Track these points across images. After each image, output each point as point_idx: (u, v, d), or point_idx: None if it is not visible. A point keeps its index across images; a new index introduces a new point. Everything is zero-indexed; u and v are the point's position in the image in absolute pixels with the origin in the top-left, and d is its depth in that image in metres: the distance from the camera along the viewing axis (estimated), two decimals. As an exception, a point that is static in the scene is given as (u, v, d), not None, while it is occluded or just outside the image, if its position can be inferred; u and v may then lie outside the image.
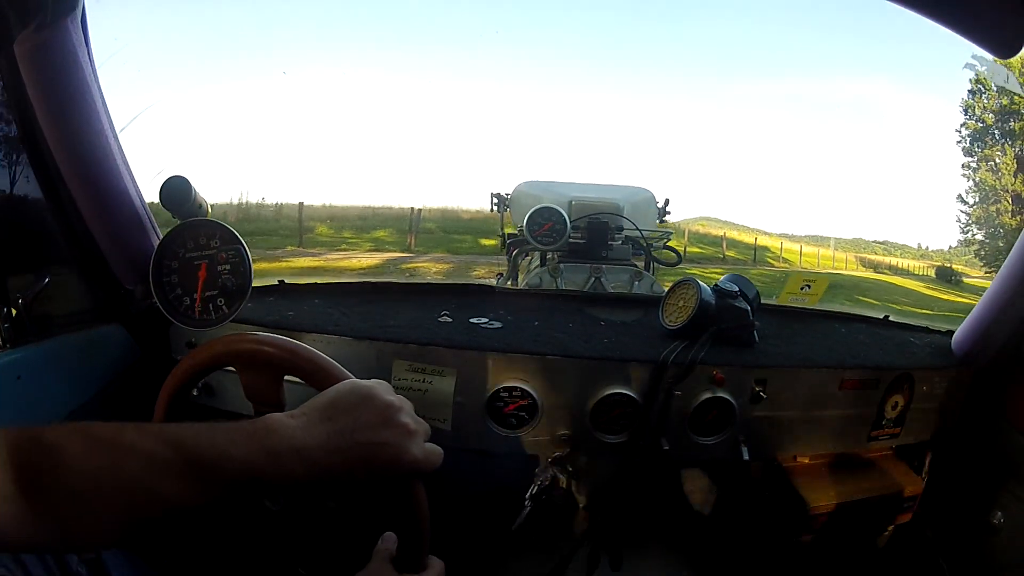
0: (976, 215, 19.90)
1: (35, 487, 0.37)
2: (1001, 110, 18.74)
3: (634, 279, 1.40)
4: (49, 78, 0.76)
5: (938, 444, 1.06)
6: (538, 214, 1.36)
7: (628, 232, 1.45)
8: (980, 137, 19.35)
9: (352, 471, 0.47)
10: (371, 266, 9.42)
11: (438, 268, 9.80)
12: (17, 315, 0.75)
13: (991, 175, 19.16)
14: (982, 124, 19.24)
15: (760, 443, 0.94)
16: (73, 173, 0.81)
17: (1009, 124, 18.65)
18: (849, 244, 23.34)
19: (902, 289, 16.53)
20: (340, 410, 0.48)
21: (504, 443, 0.90)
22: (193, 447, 0.42)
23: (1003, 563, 0.95)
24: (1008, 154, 18.77)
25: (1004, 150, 18.92)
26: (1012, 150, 18.74)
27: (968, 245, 20.72)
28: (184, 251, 0.82)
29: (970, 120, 19.52)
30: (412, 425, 0.50)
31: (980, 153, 19.43)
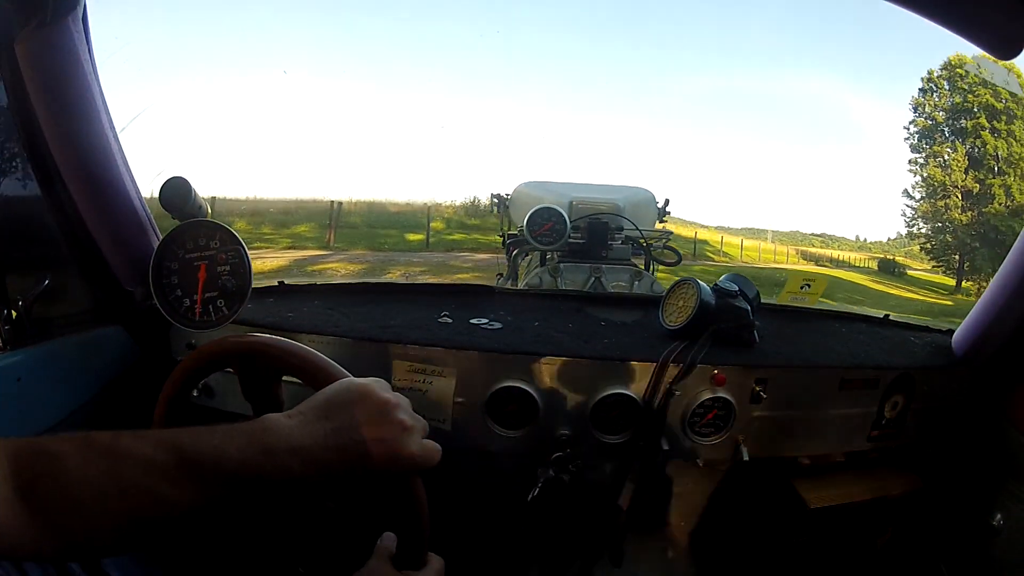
0: (923, 210, 20.18)
1: (36, 496, 0.37)
2: (953, 108, 19.07)
3: (634, 279, 1.40)
4: (50, 78, 0.76)
5: (938, 444, 1.06)
6: (538, 214, 1.36)
7: (628, 232, 1.45)
8: (929, 134, 19.69)
9: (350, 468, 0.47)
10: (276, 268, 8.57)
11: (348, 269, 9.25)
12: (17, 317, 0.75)
13: (940, 171, 19.49)
14: (932, 122, 19.57)
15: (760, 443, 0.94)
16: (73, 173, 0.81)
17: (961, 122, 18.89)
18: (786, 237, 23.33)
19: (850, 284, 16.42)
20: (336, 408, 0.48)
21: (504, 443, 0.90)
22: (191, 449, 0.42)
23: (1003, 564, 0.95)
24: (959, 151, 19.04)
25: (955, 147, 19.20)
26: (963, 147, 19.01)
27: (913, 238, 21.03)
28: (184, 252, 0.82)
29: (919, 118, 19.84)
30: (409, 421, 0.51)
31: (928, 149, 19.78)
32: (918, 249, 21.33)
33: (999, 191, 18.56)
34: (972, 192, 19.04)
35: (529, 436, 0.90)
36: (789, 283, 1.16)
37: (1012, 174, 18.46)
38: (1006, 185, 18.46)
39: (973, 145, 18.86)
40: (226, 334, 0.75)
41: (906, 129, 20.06)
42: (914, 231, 20.94)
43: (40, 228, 0.83)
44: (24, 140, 0.77)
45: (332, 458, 0.46)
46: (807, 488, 1.02)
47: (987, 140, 18.33)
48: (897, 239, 23.80)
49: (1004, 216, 18.42)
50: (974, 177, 18.88)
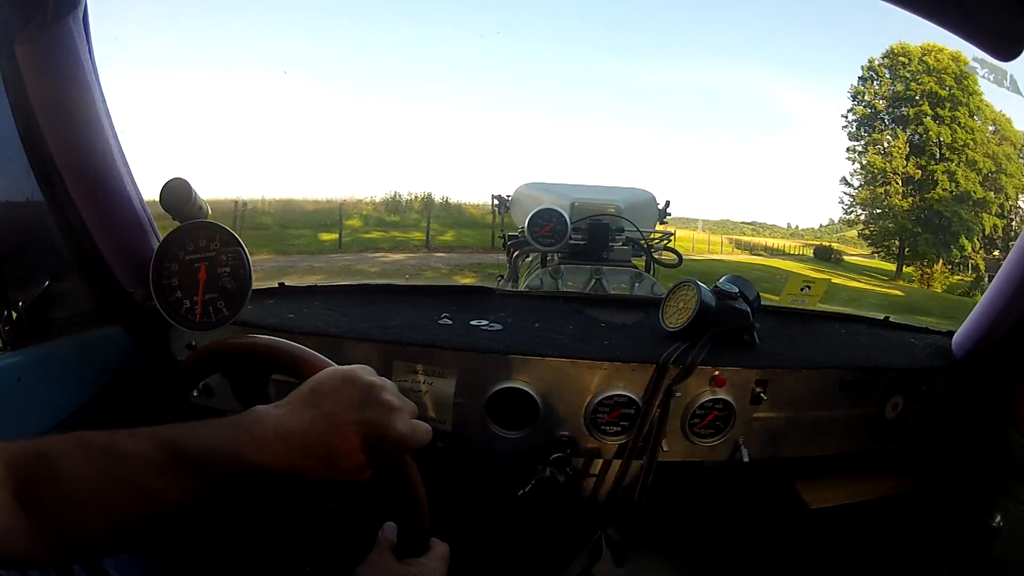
0: (862, 197, 20.20)
1: (34, 499, 0.38)
2: (894, 96, 19.16)
3: (635, 280, 1.40)
4: (50, 78, 0.76)
5: (938, 445, 1.06)
6: (539, 215, 1.36)
7: (629, 233, 1.45)
8: (869, 122, 19.75)
9: (340, 452, 0.47)
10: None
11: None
12: (17, 317, 0.75)
13: (880, 158, 19.55)
14: (872, 110, 19.65)
15: (760, 444, 0.94)
16: (73, 174, 0.81)
17: (902, 110, 18.99)
18: (717, 226, 23.18)
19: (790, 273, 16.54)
20: (322, 394, 0.49)
21: (504, 444, 0.90)
22: (184, 444, 0.42)
23: (1003, 564, 0.95)
24: (900, 138, 19.11)
25: (896, 134, 19.27)
26: (904, 134, 19.08)
27: (851, 225, 21.03)
28: (184, 253, 0.82)
29: (858, 106, 19.88)
30: (396, 402, 0.51)
31: (868, 137, 19.81)
32: (856, 235, 21.39)
33: (942, 177, 18.56)
34: (914, 178, 19.11)
35: (529, 437, 0.90)
36: (789, 285, 1.16)
37: (956, 160, 18.46)
38: (950, 171, 18.47)
39: (915, 132, 18.90)
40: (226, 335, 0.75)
41: (844, 117, 20.05)
42: (852, 218, 20.94)
43: (40, 229, 0.83)
44: (24, 140, 0.77)
45: (320, 443, 0.46)
46: (807, 489, 1.02)
47: (930, 127, 18.38)
48: (829, 226, 23.99)
49: (948, 201, 18.51)
50: (916, 164, 18.94)
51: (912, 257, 19.56)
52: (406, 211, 14.48)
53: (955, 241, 18.74)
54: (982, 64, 0.86)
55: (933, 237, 18.71)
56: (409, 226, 12.56)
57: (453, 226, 14.43)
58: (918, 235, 18.90)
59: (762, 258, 19.90)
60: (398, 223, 13.09)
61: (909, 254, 19.54)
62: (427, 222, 13.37)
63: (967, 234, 18.68)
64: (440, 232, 13.76)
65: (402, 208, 14.74)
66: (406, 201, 15.51)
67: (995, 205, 18.75)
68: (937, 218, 18.65)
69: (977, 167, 18.42)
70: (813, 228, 25.12)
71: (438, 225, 14.23)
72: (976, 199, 18.47)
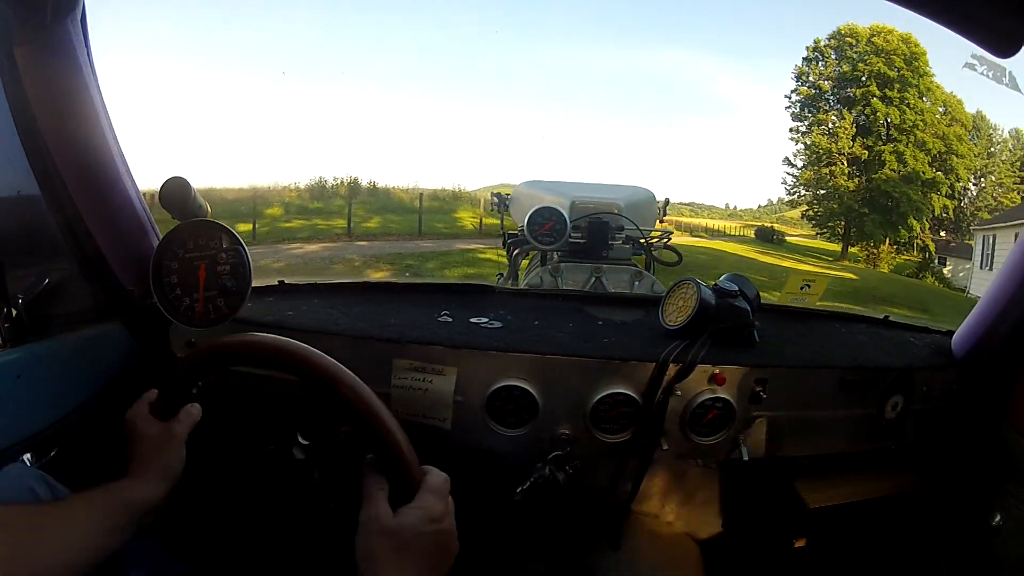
0: (806, 177, 19.99)
1: None
2: (840, 77, 18.97)
3: (634, 279, 1.40)
4: (49, 78, 0.76)
5: (938, 444, 1.06)
6: (538, 214, 1.36)
7: (628, 232, 1.45)
8: (814, 102, 19.60)
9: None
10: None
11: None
12: (17, 315, 0.75)
13: (826, 138, 19.37)
14: (817, 90, 19.49)
15: (760, 443, 0.94)
16: (73, 173, 0.81)
17: (849, 91, 18.80)
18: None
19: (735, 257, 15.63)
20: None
21: (504, 442, 0.90)
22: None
23: (1003, 563, 0.95)
24: (847, 119, 18.93)
25: (842, 115, 19.10)
26: (851, 115, 18.89)
27: (795, 206, 20.84)
28: (184, 251, 0.83)
29: (803, 86, 19.76)
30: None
31: (813, 117, 19.68)
32: (797, 216, 21.28)
33: (890, 157, 18.38)
34: (860, 159, 18.91)
35: (529, 435, 0.90)
36: (789, 283, 1.16)
37: (904, 141, 18.31)
38: (898, 152, 18.32)
39: (862, 113, 18.73)
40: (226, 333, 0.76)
41: (787, 98, 19.93)
42: (796, 198, 20.74)
43: (40, 227, 0.83)
44: (24, 139, 0.77)
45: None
46: (807, 488, 1.02)
47: (878, 108, 18.25)
48: (768, 206, 23.92)
49: (896, 182, 18.34)
50: (862, 144, 18.78)
51: (858, 238, 19.29)
52: (331, 197, 13.57)
53: (903, 222, 18.55)
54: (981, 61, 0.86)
55: (880, 218, 18.54)
56: (332, 213, 11.60)
57: (380, 212, 13.59)
58: (865, 215, 18.72)
59: (704, 240, 19.54)
60: (322, 210, 12.10)
61: (855, 235, 19.28)
62: (348, 208, 12.25)
63: (916, 215, 18.50)
64: (365, 219, 12.89)
65: (327, 194, 13.76)
66: (331, 186, 14.51)
67: (945, 186, 18.60)
68: (885, 198, 18.49)
69: (926, 148, 18.27)
70: (752, 209, 25.09)
71: (364, 211, 13.33)
72: (925, 180, 18.34)
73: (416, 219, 12.96)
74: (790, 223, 22.55)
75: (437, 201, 16.56)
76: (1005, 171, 19.85)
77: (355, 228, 11.82)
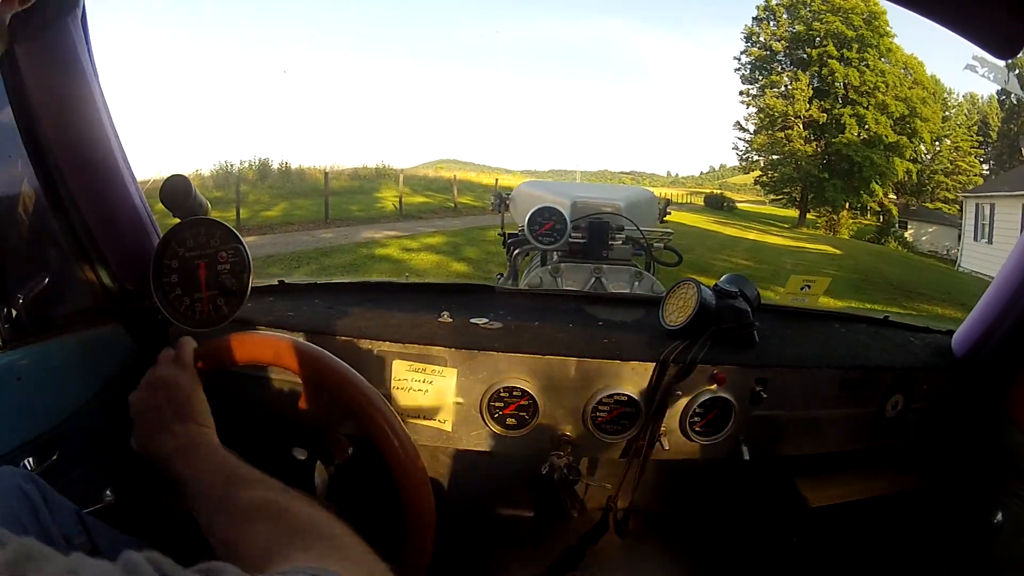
0: (760, 142, 19.35)
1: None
2: (794, 37, 18.29)
3: (635, 279, 1.40)
4: (49, 78, 0.76)
5: (938, 444, 1.06)
6: (539, 214, 1.35)
7: (629, 232, 1.45)
8: (766, 64, 18.93)
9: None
10: None
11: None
12: (17, 315, 0.75)
13: (781, 101, 18.70)
14: (769, 51, 18.83)
15: (760, 443, 0.94)
16: (73, 172, 0.81)
17: (803, 51, 18.15)
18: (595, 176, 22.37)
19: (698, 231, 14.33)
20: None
21: (504, 443, 0.90)
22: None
23: (1003, 563, 0.95)
24: (803, 80, 18.30)
25: (797, 76, 18.43)
26: (806, 76, 18.25)
27: (747, 171, 20.30)
28: (184, 250, 0.82)
29: (753, 47, 19.10)
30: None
31: (765, 79, 18.99)
32: (745, 182, 20.74)
33: (850, 120, 17.72)
34: (818, 122, 18.26)
35: (529, 436, 0.90)
36: (789, 284, 1.16)
37: (865, 103, 17.65)
38: (858, 115, 17.67)
39: (817, 75, 18.08)
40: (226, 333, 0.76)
41: (736, 59, 19.38)
42: (748, 164, 20.14)
43: (40, 226, 0.83)
44: (24, 139, 0.77)
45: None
46: (807, 487, 1.02)
47: (836, 69, 17.62)
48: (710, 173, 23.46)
49: (858, 146, 17.71)
50: (820, 107, 18.14)
51: (816, 204, 18.56)
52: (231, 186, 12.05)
53: (865, 186, 17.88)
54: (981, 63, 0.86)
55: (841, 182, 17.89)
56: (230, 203, 10.25)
57: (288, 196, 12.40)
58: (825, 181, 18.05)
59: None
60: (220, 199, 10.67)
61: (813, 201, 18.57)
62: (237, 195, 10.56)
63: (879, 179, 17.86)
64: (268, 205, 11.65)
65: (232, 180, 12.34)
66: (239, 171, 13.27)
67: (909, 150, 18.05)
68: (846, 163, 17.85)
69: (888, 111, 17.67)
70: (694, 176, 24.77)
71: (269, 197, 12.24)
72: (888, 143, 17.72)
73: (332, 201, 11.74)
74: (734, 189, 22.06)
75: (357, 180, 15.36)
76: (961, 135, 19.32)
77: (254, 218, 10.53)
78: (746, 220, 18.66)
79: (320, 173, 13.54)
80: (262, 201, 11.97)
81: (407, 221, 11.71)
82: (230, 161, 13.77)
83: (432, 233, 10.00)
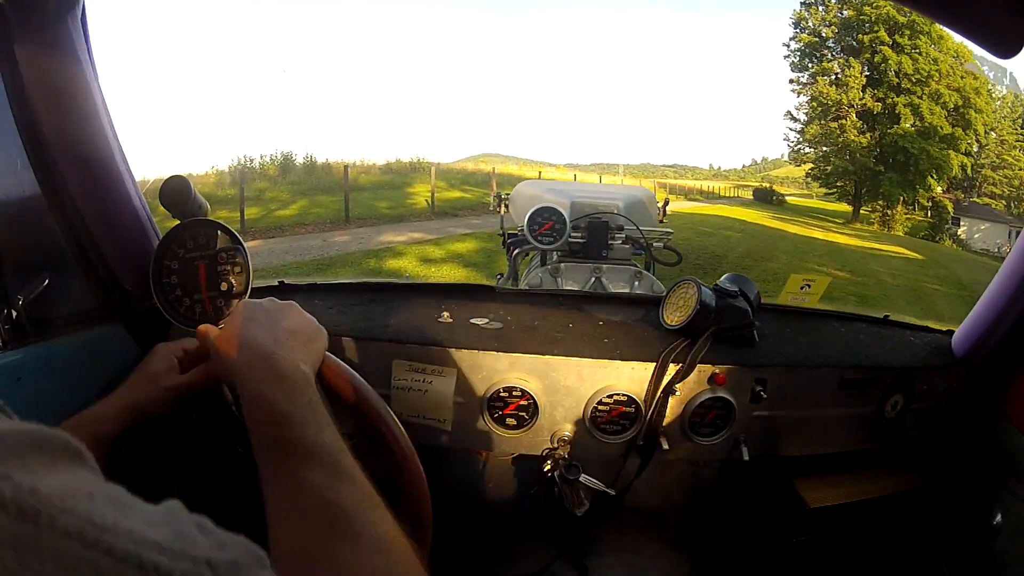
0: (812, 132, 18.46)
1: None
2: (844, 23, 17.44)
3: (634, 279, 1.40)
4: (49, 78, 0.76)
5: (938, 444, 1.06)
6: (538, 214, 1.35)
7: (628, 232, 1.45)
8: (816, 50, 18.11)
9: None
10: None
11: None
12: (16, 316, 0.75)
13: (834, 89, 17.80)
14: (818, 37, 17.99)
15: (760, 443, 0.94)
16: (73, 172, 0.81)
17: (854, 37, 17.25)
18: (638, 169, 21.93)
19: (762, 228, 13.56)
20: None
21: (504, 443, 0.90)
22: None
23: (1003, 563, 0.95)
24: (855, 67, 17.41)
25: (849, 63, 17.52)
26: (859, 64, 17.37)
27: (798, 164, 19.20)
28: (184, 251, 0.82)
29: (802, 32, 18.24)
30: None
31: (817, 66, 18.13)
32: (784, 175, 19.76)
33: (905, 110, 16.85)
34: (872, 112, 17.36)
35: (529, 436, 0.90)
36: (789, 283, 1.16)
37: (920, 92, 16.82)
38: (913, 104, 16.81)
39: (869, 62, 17.23)
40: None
41: (786, 47, 18.58)
42: (799, 155, 19.12)
43: (40, 227, 0.82)
44: (24, 139, 0.77)
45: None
46: (807, 488, 1.03)
47: (888, 56, 16.78)
48: (752, 165, 22.76)
49: (914, 137, 16.84)
50: (873, 96, 17.28)
51: (870, 198, 17.72)
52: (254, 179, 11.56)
53: (922, 181, 17.00)
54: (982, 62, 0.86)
55: (898, 176, 17.08)
56: (248, 199, 9.54)
57: (310, 192, 11.46)
58: (880, 174, 17.21)
59: (704, 205, 17.69)
60: (232, 198, 9.79)
61: (867, 194, 17.71)
62: (240, 194, 9.34)
63: (935, 173, 16.95)
64: (284, 204, 10.58)
65: (250, 176, 11.76)
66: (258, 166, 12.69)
67: (964, 142, 17.09)
68: (902, 155, 17.02)
69: (942, 101, 16.76)
70: (736, 169, 24.20)
71: (288, 194, 11.32)
72: (943, 135, 16.81)
73: (358, 198, 10.80)
74: (776, 181, 21.34)
75: (389, 174, 14.33)
76: (1007, 128, 18.49)
77: (265, 218, 9.55)
78: (799, 215, 17.85)
79: (348, 167, 12.57)
80: (279, 199, 11.11)
81: (439, 220, 10.52)
82: (249, 156, 13.19)
83: (462, 237, 8.41)
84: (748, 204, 19.59)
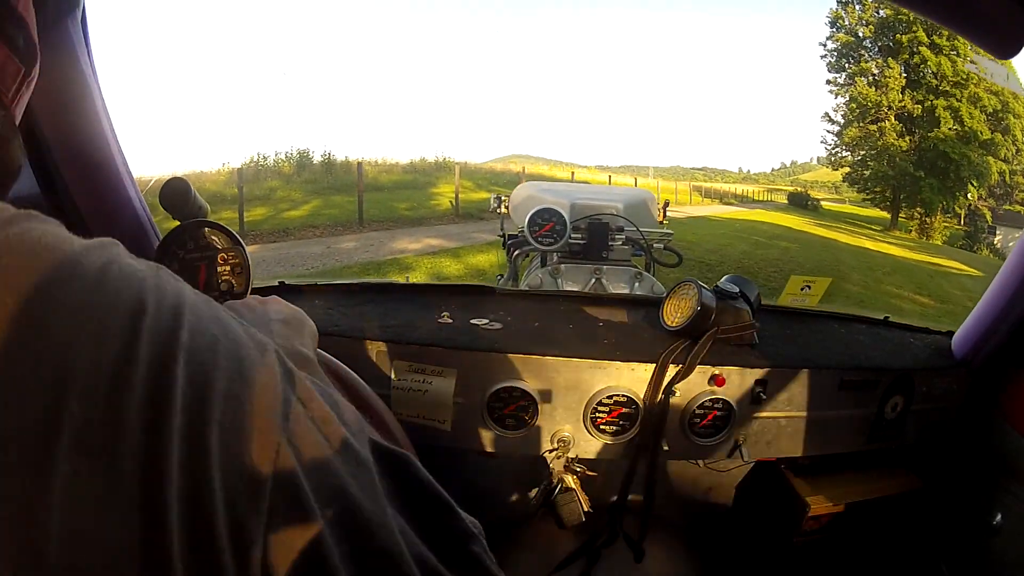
0: (851, 135, 17.71)
1: None
2: (881, 23, 16.80)
3: (635, 280, 1.40)
4: (49, 79, 0.76)
5: (937, 445, 1.06)
6: (538, 215, 1.35)
7: (629, 233, 1.45)
8: (853, 51, 17.45)
9: None
10: None
11: None
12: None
13: (873, 90, 17.10)
14: (856, 37, 17.34)
15: (760, 444, 0.94)
16: (73, 173, 0.81)
17: (892, 37, 16.61)
18: (668, 172, 21.55)
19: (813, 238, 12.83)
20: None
21: (504, 444, 0.90)
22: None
23: (1003, 563, 0.95)
24: (894, 68, 16.72)
25: (888, 64, 16.85)
26: (897, 64, 16.67)
27: (836, 167, 18.45)
28: (184, 252, 0.82)
29: (839, 32, 17.55)
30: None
31: (855, 67, 17.45)
32: (841, 179, 18.74)
33: (944, 113, 16.09)
34: (912, 115, 16.65)
35: (529, 436, 0.90)
36: (789, 285, 1.16)
37: (959, 95, 16.09)
38: (952, 107, 16.08)
39: (907, 63, 16.60)
40: None
41: (822, 46, 17.96)
42: (837, 159, 18.30)
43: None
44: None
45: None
46: (807, 488, 1.03)
47: (927, 57, 16.04)
48: (781, 169, 22.26)
49: (954, 142, 16.11)
50: (912, 98, 16.60)
51: (909, 204, 16.98)
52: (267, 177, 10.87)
53: (962, 187, 16.14)
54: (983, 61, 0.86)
55: (938, 182, 16.16)
56: (257, 199, 9.11)
57: (323, 192, 10.74)
58: (921, 180, 16.30)
59: (734, 209, 16.95)
60: (245, 196, 9.03)
61: (905, 201, 16.93)
62: (239, 194, 8.58)
63: (977, 180, 16.06)
64: (295, 204, 10.00)
65: (265, 174, 11.18)
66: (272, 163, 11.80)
67: (1004, 148, 16.18)
68: (942, 160, 16.08)
69: (981, 104, 15.92)
70: (765, 172, 23.74)
71: (301, 193, 10.63)
72: (983, 140, 15.94)
73: (377, 198, 10.02)
74: (806, 185, 20.79)
75: (412, 174, 13.40)
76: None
77: (271, 219, 8.85)
78: (838, 221, 17.29)
79: (369, 166, 11.65)
80: (291, 198, 10.24)
81: (462, 223, 9.66)
82: (264, 153, 12.11)
83: (485, 247, 7.26)
84: (784, 209, 19.09)
